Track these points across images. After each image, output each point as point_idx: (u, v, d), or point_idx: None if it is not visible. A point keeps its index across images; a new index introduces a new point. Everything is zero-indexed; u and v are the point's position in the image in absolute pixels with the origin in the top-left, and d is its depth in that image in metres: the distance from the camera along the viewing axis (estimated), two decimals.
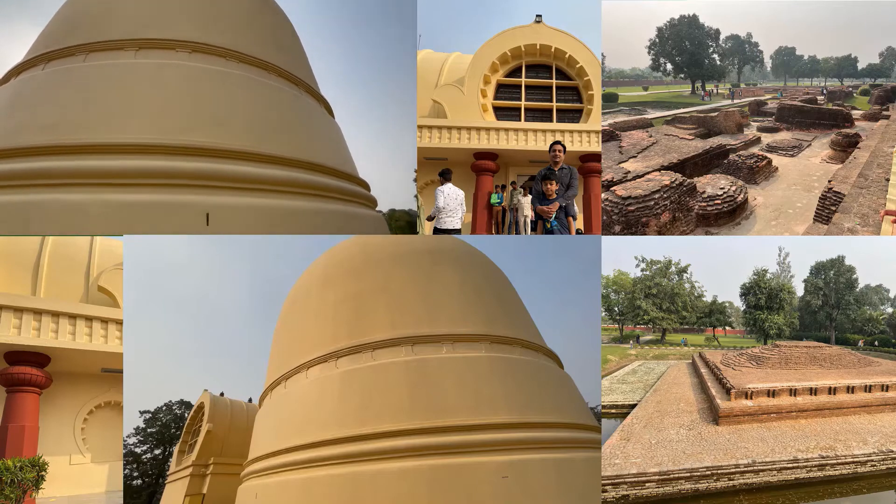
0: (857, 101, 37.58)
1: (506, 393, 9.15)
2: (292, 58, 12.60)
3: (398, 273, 10.85)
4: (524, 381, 9.60)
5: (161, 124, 9.29)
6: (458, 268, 11.33)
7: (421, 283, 10.72)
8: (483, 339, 9.95)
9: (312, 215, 10.48)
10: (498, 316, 10.84)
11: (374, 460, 8.25)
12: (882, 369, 16.85)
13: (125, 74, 9.68)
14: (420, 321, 10.00)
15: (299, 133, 11.25)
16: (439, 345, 9.67)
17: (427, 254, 11.30)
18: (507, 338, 10.30)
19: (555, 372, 10.79)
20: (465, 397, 8.84)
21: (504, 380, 9.35)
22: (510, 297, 12.06)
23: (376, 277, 10.85)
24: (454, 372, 9.18)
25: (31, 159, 8.76)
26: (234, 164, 9.66)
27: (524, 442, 8.50)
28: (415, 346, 9.62)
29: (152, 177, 8.86)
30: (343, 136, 13.57)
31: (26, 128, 9.11)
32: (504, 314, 11.11)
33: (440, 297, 10.57)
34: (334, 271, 11.63)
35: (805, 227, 12.87)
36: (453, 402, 8.75)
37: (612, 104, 36.15)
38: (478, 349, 9.77)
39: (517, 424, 8.70)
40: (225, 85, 10.34)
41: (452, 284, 10.89)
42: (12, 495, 8.95)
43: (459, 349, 9.68)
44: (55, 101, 9.38)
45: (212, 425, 16.73)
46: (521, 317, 11.73)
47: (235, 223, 9.24)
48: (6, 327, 11.31)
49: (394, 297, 10.50)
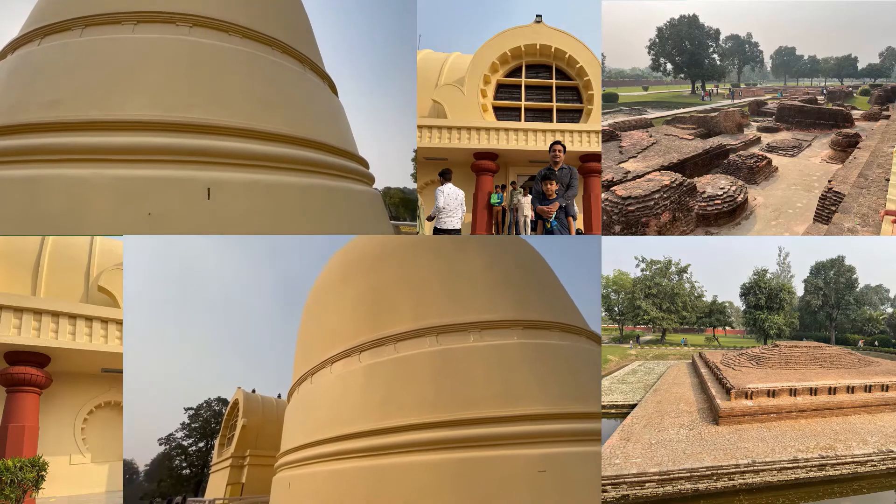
0: (857, 101, 37.57)
1: (540, 381, 8.68)
2: (297, 34, 12.54)
3: (419, 262, 10.55)
4: (560, 368, 9.06)
5: (161, 100, 9.28)
6: (483, 252, 10.88)
7: (444, 271, 10.39)
8: (514, 325, 9.46)
9: (311, 191, 10.53)
10: (531, 299, 10.29)
11: (400, 453, 8.13)
12: (882, 369, 16.85)
13: (123, 49, 9.58)
14: (444, 310, 9.66)
15: (300, 110, 11.27)
16: (466, 333, 9.29)
17: (448, 241, 10.97)
18: (541, 322, 9.74)
19: (597, 357, 10.36)
20: (494, 387, 8.48)
21: (538, 367, 8.85)
22: (545, 279, 11.44)
23: (396, 269, 10.65)
24: (482, 361, 8.82)
25: (33, 136, 8.81)
26: (235, 140, 9.70)
27: (561, 434, 8.08)
28: (439, 336, 9.30)
29: (153, 153, 8.90)
30: (345, 114, 13.64)
31: (25, 104, 9.14)
32: (538, 297, 10.55)
33: (465, 284, 10.17)
34: (353, 266, 11.55)
35: (805, 227, 12.86)
36: (482, 392, 8.41)
37: (612, 104, 36.15)
38: (509, 336, 9.32)
39: (553, 415, 8.25)
40: (226, 61, 10.25)
41: (478, 269, 10.47)
42: (12, 495, 8.95)
43: (488, 337, 9.25)
44: (53, 78, 9.35)
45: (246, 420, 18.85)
46: (559, 299, 11.10)
47: (236, 199, 9.28)
48: (6, 327, 11.30)
49: (415, 288, 10.21)
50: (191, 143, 9.21)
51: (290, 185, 10.18)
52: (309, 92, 11.82)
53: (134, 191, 8.60)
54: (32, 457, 9.72)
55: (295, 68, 11.82)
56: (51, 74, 9.43)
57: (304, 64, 12.30)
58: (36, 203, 8.32)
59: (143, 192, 8.63)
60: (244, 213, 9.35)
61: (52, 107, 9.03)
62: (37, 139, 8.76)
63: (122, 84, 9.28)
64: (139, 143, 8.89)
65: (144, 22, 10.06)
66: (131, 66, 9.45)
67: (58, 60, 9.60)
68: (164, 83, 9.46)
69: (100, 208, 8.43)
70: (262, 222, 9.55)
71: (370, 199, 12.58)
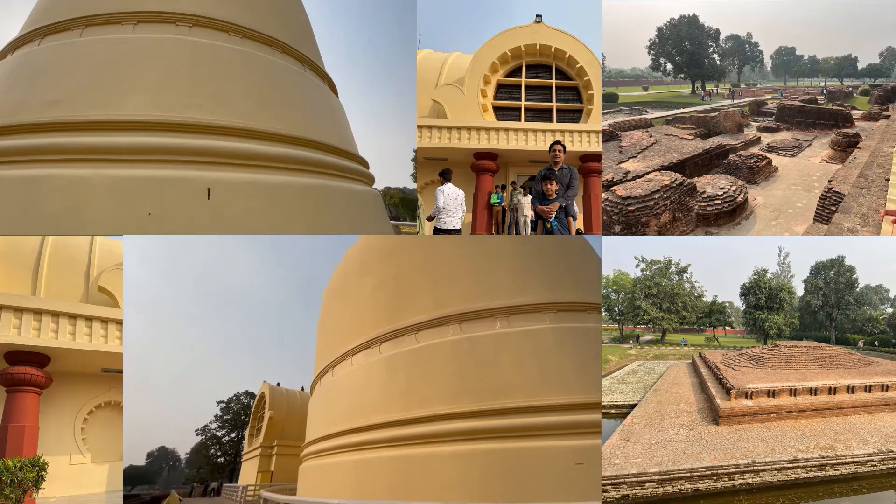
0: (857, 101, 37.56)
1: (576, 368, 8.10)
2: (297, 34, 12.57)
3: (439, 249, 10.13)
4: (599, 354, 8.60)
5: (161, 100, 9.32)
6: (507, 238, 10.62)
7: (466, 256, 9.93)
8: (546, 309, 8.84)
9: (311, 191, 10.55)
10: (564, 280, 9.59)
11: (424, 444, 7.94)
12: (882, 369, 16.84)
13: (123, 49, 9.61)
14: (468, 296, 9.17)
15: (300, 110, 11.30)
16: (492, 320, 8.81)
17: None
18: (577, 304, 9.07)
19: None
20: (527, 376, 8.02)
21: (574, 353, 8.29)
22: (580, 256, 10.72)
23: (415, 257, 10.33)
24: (511, 348, 8.33)
25: (33, 136, 8.84)
26: (235, 140, 9.74)
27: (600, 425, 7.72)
28: (463, 323, 8.91)
29: (153, 153, 8.95)
30: (345, 114, 13.67)
31: (26, 104, 9.17)
32: (573, 278, 9.81)
33: (490, 268, 9.60)
34: (370, 256, 11.37)
35: (805, 227, 12.86)
36: (510, 381, 7.98)
37: (612, 104, 36.14)
38: (540, 320, 8.72)
39: (591, 405, 7.75)
40: (226, 61, 10.28)
41: (504, 252, 9.95)
42: (12, 495, 8.95)
43: (517, 322, 8.70)
44: (53, 78, 9.38)
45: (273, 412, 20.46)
46: (591, 278, 10.47)
47: (236, 199, 9.31)
48: (6, 327, 11.30)
49: (436, 275, 9.80)
50: (191, 143, 9.22)
51: (290, 185, 10.19)
52: (309, 92, 11.83)
53: (134, 191, 8.61)
54: (32, 457, 9.72)
55: (295, 68, 11.82)
56: (51, 74, 9.44)
57: (304, 64, 12.30)
58: (36, 203, 8.33)
59: (143, 192, 8.64)
60: (244, 213, 9.36)
61: (53, 107, 9.04)
62: (37, 139, 8.78)
63: (122, 84, 9.29)
64: (139, 143, 8.90)
65: (144, 22, 10.08)
66: (131, 66, 9.46)
67: (58, 60, 9.61)
68: (164, 83, 9.47)
69: (100, 208, 8.43)
70: (261, 222, 9.56)
71: (370, 199, 12.59)
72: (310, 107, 11.71)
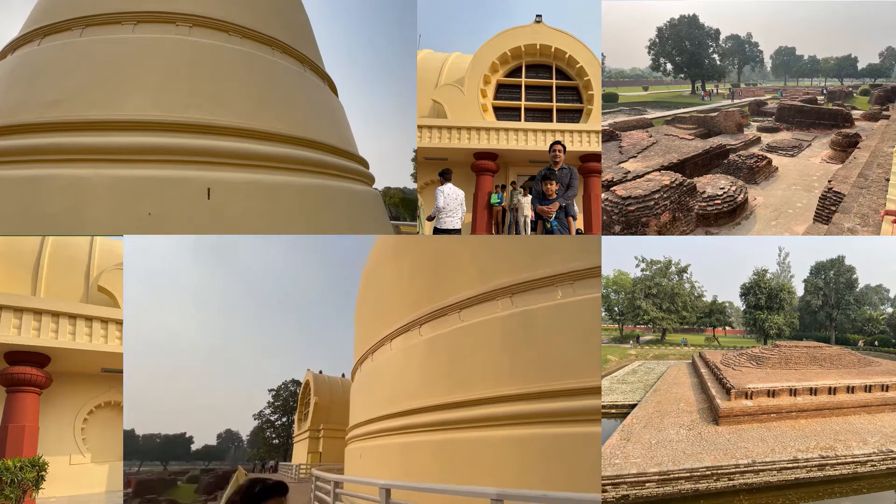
0: (857, 101, 37.54)
1: None
2: (297, 34, 12.60)
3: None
4: None
5: (161, 100, 9.34)
6: None
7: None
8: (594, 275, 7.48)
9: (311, 191, 10.57)
10: None
11: (471, 427, 7.34)
12: (882, 369, 16.84)
13: (123, 49, 9.62)
14: (518, 265, 7.92)
15: (300, 110, 11.31)
16: (552, 288, 7.44)
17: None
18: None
19: None
20: (591, 353, 6.87)
21: None
22: None
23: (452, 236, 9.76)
24: (575, 321, 6.97)
25: (33, 136, 8.86)
26: (235, 140, 9.76)
27: None
28: (514, 296, 7.73)
29: (153, 153, 8.97)
30: (345, 114, 13.70)
31: (26, 104, 9.19)
32: None
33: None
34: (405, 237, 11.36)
35: (805, 227, 12.86)
36: (572, 359, 6.81)
37: (612, 104, 36.13)
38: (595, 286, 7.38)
39: None
40: (226, 61, 10.29)
41: None
42: (12, 495, 8.95)
43: (582, 290, 7.22)
44: (54, 78, 9.40)
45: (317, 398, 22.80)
46: None
47: (236, 199, 9.34)
48: (6, 327, 11.30)
49: (479, 247, 8.89)
50: (191, 143, 9.23)
51: (290, 185, 10.20)
52: (309, 92, 11.84)
53: (134, 191, 8.62)
54: (32, 457, 9.73)
55: (295, 68, 11.83)
56: (51, 74, 9.45)
57: (304, 64, 12.31)
58: (36, 203, 8.33)
59: (143, 192, 8.65)
60: (244, 213, 9.36)
61: (53, 107, 9.05)
62: (37, 139, 8.79)
63: (122, 84, 9.31)
64: (139, 143, 8.91)
65: (144, 22, 10.09)
66: (131, 66, 9.47)
67: (58, 60, 9.62)
68: (164, 83, 9.49)
69: (100, 208, 8.44)
70: (261, 222, 9.57)
71: (370, 199, 12.60)
72: (310, 107, 11.72)
